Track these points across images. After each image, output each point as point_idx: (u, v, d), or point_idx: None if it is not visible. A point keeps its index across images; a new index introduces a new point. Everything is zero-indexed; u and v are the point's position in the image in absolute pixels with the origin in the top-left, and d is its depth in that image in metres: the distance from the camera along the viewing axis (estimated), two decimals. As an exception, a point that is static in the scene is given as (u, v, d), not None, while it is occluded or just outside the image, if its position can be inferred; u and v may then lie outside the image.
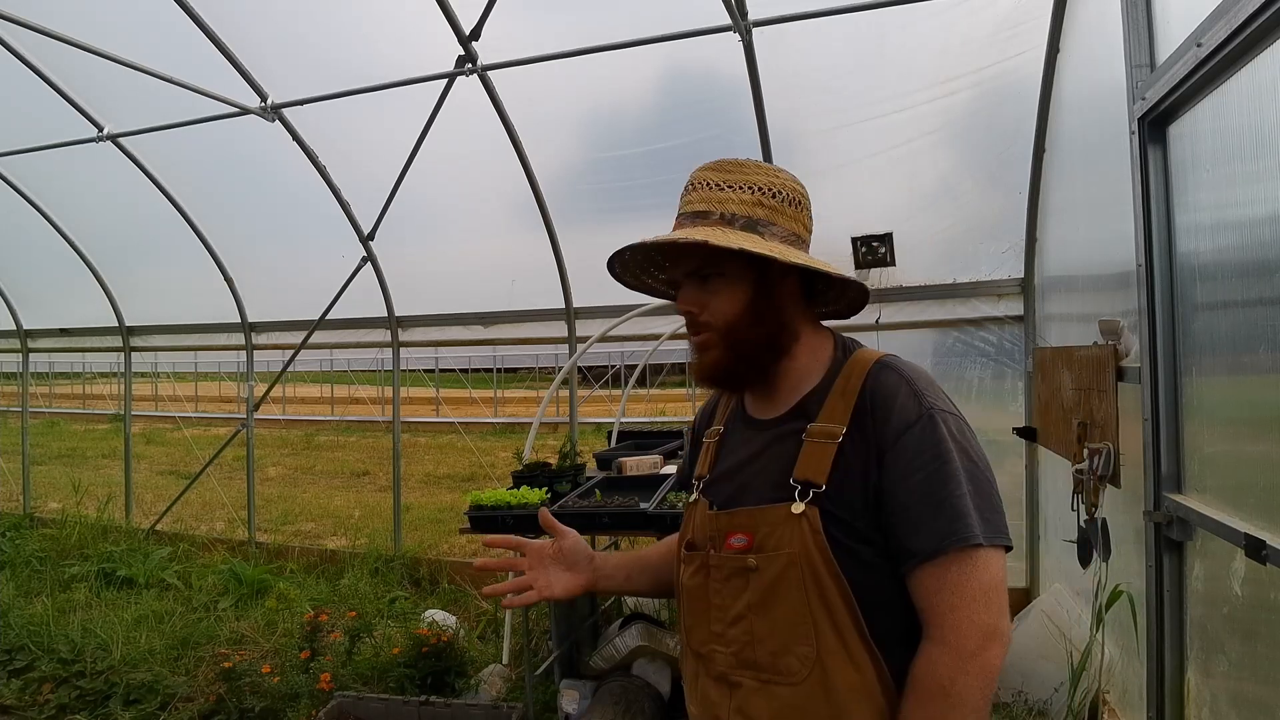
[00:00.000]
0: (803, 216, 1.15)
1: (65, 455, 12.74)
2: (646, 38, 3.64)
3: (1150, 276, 1.99)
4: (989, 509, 0.99)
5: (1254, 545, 1.45)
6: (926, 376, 1.09)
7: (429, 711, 3.01)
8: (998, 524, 1.00)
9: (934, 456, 1.00)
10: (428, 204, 4.94)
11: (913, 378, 1.07)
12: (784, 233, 1.12)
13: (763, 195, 1.12)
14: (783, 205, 1.13)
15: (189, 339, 6.46)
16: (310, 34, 4.26)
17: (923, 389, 1.05)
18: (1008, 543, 1.00)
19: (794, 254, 1.08)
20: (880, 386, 1.06)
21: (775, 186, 1.13)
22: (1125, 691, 2.76)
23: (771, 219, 1.11)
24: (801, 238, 1.14)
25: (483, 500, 2.94)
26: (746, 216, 1.10)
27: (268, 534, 6.53)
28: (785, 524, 1.04)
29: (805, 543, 1.02)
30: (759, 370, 1.15)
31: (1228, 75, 1.60)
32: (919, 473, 1.00)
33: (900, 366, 1.09)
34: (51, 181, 5.75)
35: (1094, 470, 2.56)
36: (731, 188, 1.12)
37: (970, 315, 4.20)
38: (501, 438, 13.77)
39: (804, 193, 1.17)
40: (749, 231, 1.09)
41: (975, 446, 1.04)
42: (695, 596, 1.14)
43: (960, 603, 0.96)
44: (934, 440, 1.01)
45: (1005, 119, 3.81)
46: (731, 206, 1.11)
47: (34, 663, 3.76)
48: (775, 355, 1.14)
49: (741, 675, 1.07)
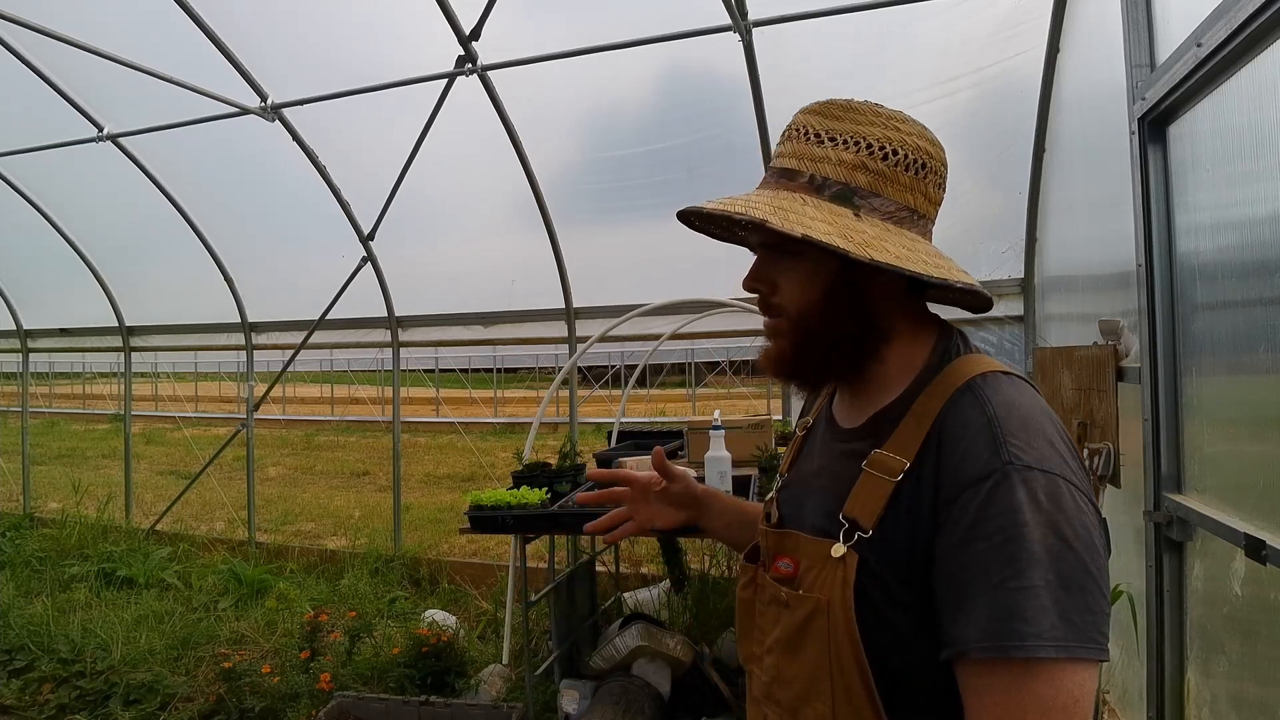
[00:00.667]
0: (924, 185, 0.90)
1: (65, 455, 12.74)
2: (646, 38, 3.64)
3: (1150, 276, 1.99)
4: (1074, 609, 0.72)
5: (1254, 545, 1.45)
6: (1025, 414, 0.80)
7: (429, 711, 3.01)
8: (1084, 629, 0.72)
9: (1000, 527, 0.74)
10: (428, 204, 4.94)
11: (1000, 415, 0.79)
12: (892, 207, 0.88)
13: (869, 155, 0.88)
14: (896, 170, 0.88)
15: (189, 339, 6.46)
16: (310, 34, 4.27)
17: (1010, 432, 0.78)
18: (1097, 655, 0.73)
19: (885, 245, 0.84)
20: (954, 420, 0.82)
21: (893, 143, 0.88)
22: (1125, 691, 2.76)
23: (876, 187, 0.88)
24: (918, 211, 0.91)
25: (483, 500, 2.93)
26: (843, 183, 0.88)
27: (268, 534, 6.53)
28: (824, 565, 0.86)
29: (835, 593, 0.84)
30: (834, 372, 0.95)
31: (1228, 75, 1.60)
32: (978, 543, 0.74)
33: (989, 395, 0.82)
34: (51, 181, 5.75)
35: (1094, 470, 2.56)
36: (834, 141, 0.90)
37: (970, 315, 4.19)
38: (501, 438, 13.76)
39: (934, 152, 0.91)
40: (841, 203, 0.87)
41: (1074, 519, 0.75)
42: (744, 611, 1.02)
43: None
44: (1007, 507, 0.74)
45: (1005, 119, 3.81)
46: (826, 168, 0.89)
47: (34, 663, 3.76)
48: (856, 359, 0.93)
49: (769, 708, 0.94)
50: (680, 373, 22.53)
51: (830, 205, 0.87)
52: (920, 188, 0.90)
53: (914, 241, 0.89)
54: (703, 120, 4.21)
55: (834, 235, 0.82)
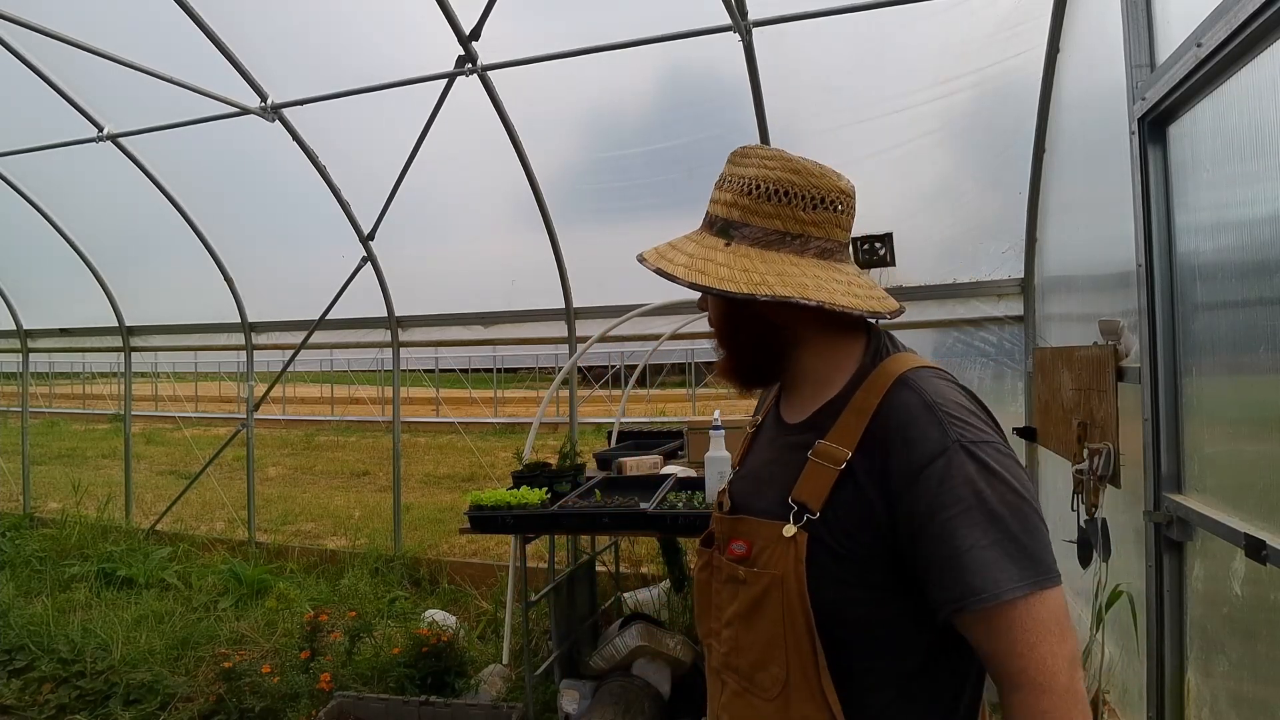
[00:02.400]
0: (789, 209, 1.03)
1: (65, 455, 12.74)
2: (646, 38, 3.64)
3: (1150, 276, 1.99)
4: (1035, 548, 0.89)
5: (1254, 545, 1.45)
6: (954, 397, 0.97)
7: (429, 711, 3.01)
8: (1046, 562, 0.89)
9: (961, 496, 0.89)
10: (428, 204, 4.94)
11: (937, 401, 0.94)
12: (759, 233, 1.02)
13: (739, 193, 1.04)
14: (759, 202, 1.02)
15: (189, 339, 6.46)
16: (310, 34, 4.27)
17: (950, 415, 0.93)
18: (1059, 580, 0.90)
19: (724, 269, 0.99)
20: (895, 411, 0.95)
21: (757, 179, 1.03)
22: (1125, 691, 2.76)
23: (745, 219, 1.03)
24: (789, 233, 1.03)
25: (483, 500, 2.93)
26: (722, 219, 1.05)
27: (268, 534, 6.53)
28: (776, 544, 0.99)
29: (787, 569, 0.97)
30: (760, 372, 1.11)
31: (1228, 75, 1.60)
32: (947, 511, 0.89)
33: (924, 385, 0.97)
34: (51, 181, 5.75)
35: (1094, 470, 2.56)
36: (722, 185, 1.07)
37: (970, 315, 4.20)
38: (501, 438, 13.76)
39: (799, 180, 1.03)
40: (719, 236, 1.04)
41: (1014, 478, 0.91)
42: (702, 591, 1.14)
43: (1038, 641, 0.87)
44: (964, 478, 0.89)
45: (1005, 119, 3.81)
46: (716, 208, 1.07)
47: (34, 663, 3.76)
48: (770, 358, 1.09)
49: (728, 676, 1.07)
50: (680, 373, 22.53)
51: (712, 239, 1.04)
52: (785, 213, 1.03)
53: (780, 262, 1.02)
54: (703, 120, 4.21)
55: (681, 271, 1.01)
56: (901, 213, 4.15)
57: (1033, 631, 0.87)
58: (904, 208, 4.14)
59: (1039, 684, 0.87)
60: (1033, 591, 0.87)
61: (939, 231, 4.15)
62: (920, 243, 4.17)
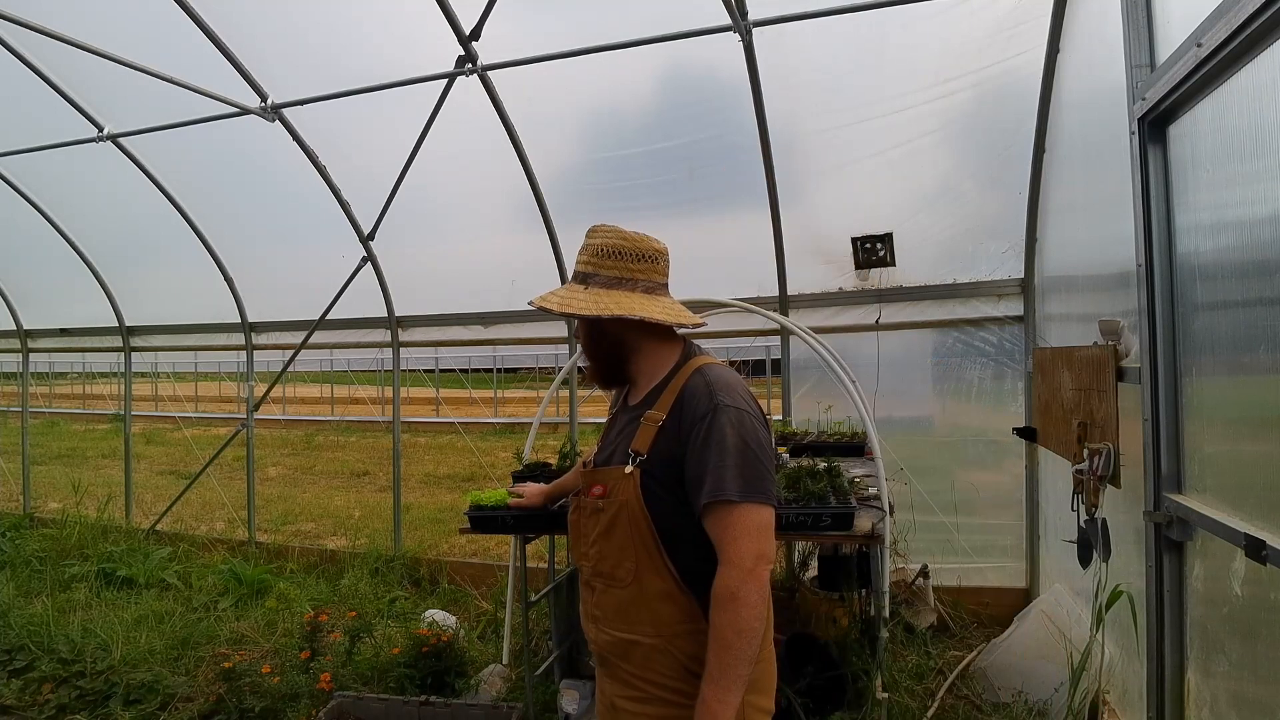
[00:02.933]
0: (623, 262, 1.57)
1: (65, 455, 12.73)
2: (646, 38, 3.64)
3: (1150, 276, 1.99)
4: (752, 476, 1.42)
5: (1254, 545, 1.45)
6: (727, 380, 1.52)
7: (429, 711, 3.01)
8: (759, 486, 1.43)
9: (716, 439, 1.44)
10: (428, 204, 4.94)
11: (713, 381, 1.51)
12: (606, 278, 1.57)
13: (591, 255, 1.59)
14: (602, 260, 1.57)
15: (189, 339, 6.46)
16: (310, 34, 4.26)
17: (718, 389, 1.48)
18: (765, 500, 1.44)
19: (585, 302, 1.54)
20: (690, 386, 1.52)
21: (600, 245, 1.59)
22: (1125, 691, 2.76)
23: (596, 270, 1.58)
24: (625, 278, 1.57)
25: (482, 500, 2.93)
26: (582, 272, 1.60)
27: (268, 534, 6.52)
28: (621, 480, 1.52)
29: (630, 494, 1.51)
30: (613, 374, 1.66)
31: (1228, 75, 1.60)
32: (705, 448, 1.44)
33: (708, 372, 1.53)
34: (51, 181, 5.75)
35: (1094, 470, 2.56)
36: (582, 251, 1.61)
37: (970, 315, 4.20)
38: (501, 438, 13.76)
39: (625, 244, 1.57)
40: (580, 283, 1.59)
41: (751, 431, 1.46)
42: (574, 528, 1.67)
43: (739, 536, 1.41)
44: (719, 426, 1.44)
45: (1005, 119, 3.81)
46: (579, 265, 1.62)
47: (34, 662, 3.76)
48: (618, 364, 1.64)
49: (596, 581, 1.60)
50: (680, 373, 22.46)
51: (574, 286, 1.60)
52: (621, 264, 1.58)
53: (622, 297, 1.56)
54: (703, 120, 4.21)
55: (554, 304, 1.56)
56: (901, 213, 4.16)
57: (738, 527, 1.42)
58: (904, 208, 4.15)
59: (733, 562, 1.41)
60: (745, 501, 1.42)
61: (939, 231, 4.15)
62: (920, 243, 4.17)
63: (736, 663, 1.38)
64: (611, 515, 1.53)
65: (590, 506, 1.58)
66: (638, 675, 1.54)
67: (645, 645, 1.51)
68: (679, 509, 1.49)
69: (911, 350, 4.36)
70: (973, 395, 4.26)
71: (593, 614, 1.62)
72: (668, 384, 1.56)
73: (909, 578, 4.06)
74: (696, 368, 1.55)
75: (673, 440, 1.49)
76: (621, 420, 1.65)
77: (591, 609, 1.62)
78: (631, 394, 1.67)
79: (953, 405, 4.33)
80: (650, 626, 1.51)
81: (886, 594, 2.90)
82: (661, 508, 1.49)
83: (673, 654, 1.50)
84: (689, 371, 1.55)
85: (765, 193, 4.20)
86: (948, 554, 4.24)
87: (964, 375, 4.27)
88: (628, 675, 1.55)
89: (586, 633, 1.68)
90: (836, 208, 4.30)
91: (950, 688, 3.38)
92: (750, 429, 1.45)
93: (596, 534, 1.56)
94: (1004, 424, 4.10)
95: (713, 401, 1.46)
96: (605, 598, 1.57)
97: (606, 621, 1.58)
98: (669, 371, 1.59)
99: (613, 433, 1.68)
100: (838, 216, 4.28)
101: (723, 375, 1.53)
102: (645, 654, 1.52)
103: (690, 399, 1.49)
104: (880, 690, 2.80)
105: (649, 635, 1.51)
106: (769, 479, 1.46)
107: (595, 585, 1.60)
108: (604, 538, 1.55)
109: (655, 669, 1.52)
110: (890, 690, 3.06)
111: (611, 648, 1.57)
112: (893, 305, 4.30)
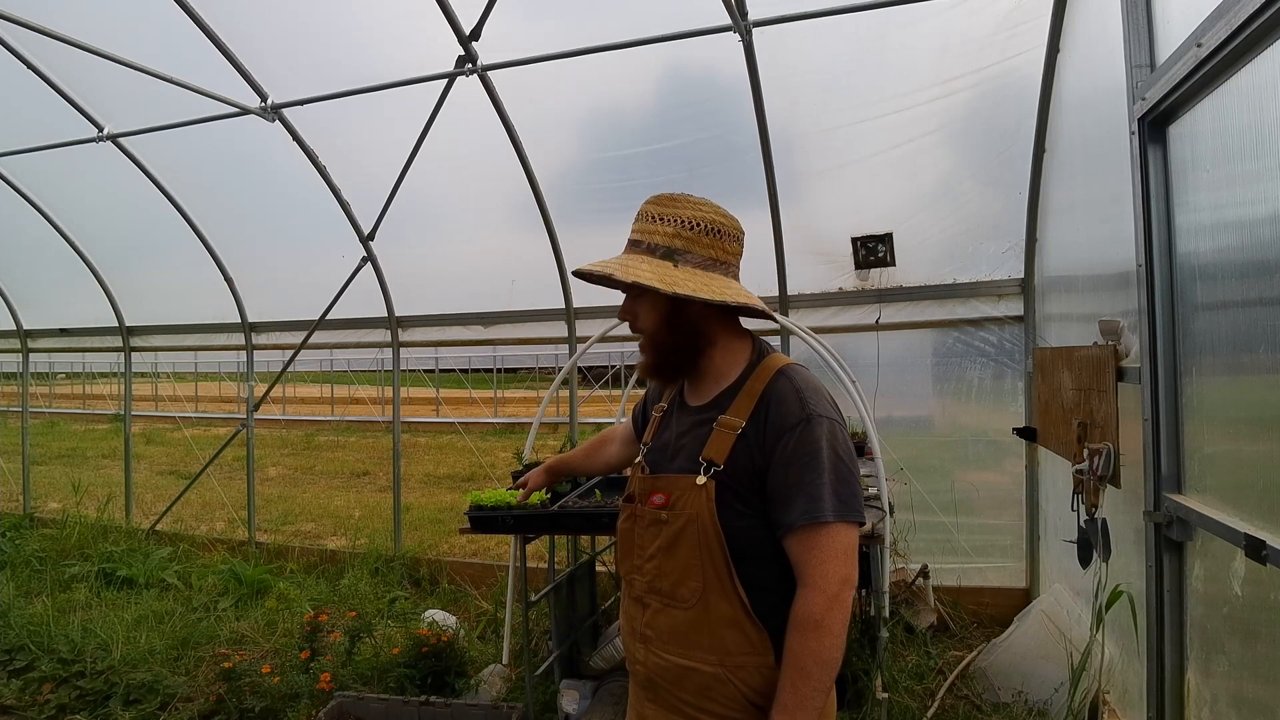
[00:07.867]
0: (722, 243, 1.41)
1: (65, 455, 12.73)
2: (646, 38, 3.64)
3: (1150, 276, 1.98)
4: (847, 494, 1.29)
5: (1254, 545, 1.45)
6: (815, 385, 1.37)
7: (429, 711, 3.00)
8: (852, 505, 1.30)
9: (808, 452, 1.30)
10: (428, 204, 4.94)
11: (802, 387, 1.35)
12: (699, 259, 1.39)
13: (682, 227, 1.39)
14: (698, 235, 1.39)
15: (189, 339, 6.46)
16: (310, 34, 4.26)
17: (808, 396, 1.33)
18: (858, 519, 1.31)
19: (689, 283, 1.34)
20: (775, 391, 1.35)
21: (695, 219, 1.39)
22: (1125, 691, 2.76)
23: (688, 248, 1.39)
24: (719, 260, 1.40)
25: (483, 500, 2.93)
26: (666, 246, 1.39)
27: (268, 534, 6.52)
28: (691, 491, 1.36)
29: (701, 507, 1.34)
30: (680, 369, 1.47)
31: (1228, 75, 1.60)
32: (797, 462, 1.30)
33: (794, 376, 1.38)
34: (51, 181, 5.74)
35: (1094, 470, 2.56)
36: (662, 220, 1.40)
37: (970, 315, 4.20)
38: (501, 438, 13.75)
39: (725, 223, 1.41)
40: (665, 259, 1.38)
41: (844, 444, 1.33)
42: (625, 537, 1.49)
43: (826, 558, 1.28)
44: (812, 439, 1.30)
45: (1005, 119, 3.81)
46: (657, 238, 1.39)
47: (34, 663, 3.75)
48: (692, 357, 1.44)
49: (650, 599, 1.43)
50: (680, 373, 22.46)
51: (657, 261, 1.38)
52: (718, 245, 1.41)
53: (715, 279, 1.38)
54: (703, 120, 4.21)
55: (654, 280, 1.33)
56: (901, 213, 4.15)
57: (827, 549, 1.28)
58: (904, 207, 4.14)
59: (818, 587, 1.27)
60: (838, 521, 1.28)
61: (939, 231, 4.15)
62: (920, 243, 4.17)
63: (815, 694, 1.27)
64: (677, 529, 1.37)
65: (650, 516, 1.42)
66: (692, 704, 1.38)
67: (705, 673, 1.36)
68: (755, 528, 1.34)
69: (911, 350, 4.37)
70: (973, 395, 4.26)
71: (642, 633, 1.45)
72: (743, 386, 1.39)
73: (909, 578, 4.06)
74: (778, 369, 1.38)
75: (755, 451, 1.33)
76: (684, 422, 1.47)
77: (641, 627, 1.45)
78: (691, 393, 1.49)
79: (953, 405, 4.33)
80: (713, 654, 1.35)
81: (886, 594, 2.90)
82: (735, 524, 1.34)
83: (735, 685, 1.35)
84: (769, 373, 1.38)
85: (765, 193, 4.20)
86: (948, 554, 4.24)
87: (964, 375, 4.27)
88: (679, 703, 1.40)
89: (630, 652, 1.50)
90: (836, 208, 4.30)
91: (950, 688, 3.38)
92: (844, 442, 1.33)
93: (656, 548, 1.40)
94: (1004, 424, 4.10)
95: (804, 411, 1.31)
96: (661, 618, 1.41)
97: (659, 643, 1.41)
98: (742, 371, 1.42)
99: (668, 434, 1.49)
100: (838, 216, 4.28)
101: (810, 380, 1.38)
102: (704, 683, 1.36)
103: (777, 406, 1.33)
104: (880, 690, 2.80)
105: (710, 664, 1.35)
106: (860, 497, 1.33)
107: (649, 603, 1.43)
108: (665, 553, 1.39)
109: (715, 699, 1.36)
110: (890, 690, 3.06)
111: (664, 673, 1.41)
112: (893, 305, 4.30)
